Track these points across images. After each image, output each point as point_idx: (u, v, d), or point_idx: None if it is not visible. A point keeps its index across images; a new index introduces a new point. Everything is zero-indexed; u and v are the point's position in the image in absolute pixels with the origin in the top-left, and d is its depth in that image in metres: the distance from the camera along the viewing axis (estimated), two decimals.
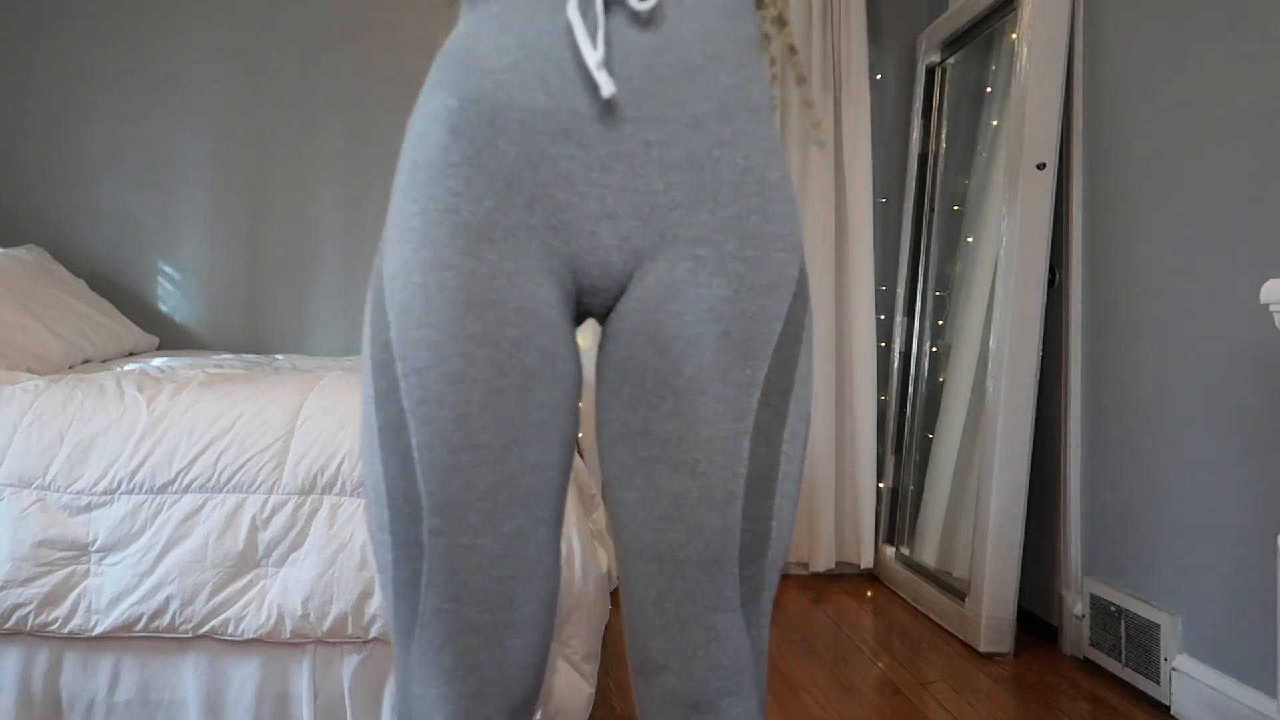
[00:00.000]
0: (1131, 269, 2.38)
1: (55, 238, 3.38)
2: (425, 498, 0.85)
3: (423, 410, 0.84)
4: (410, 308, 0.85)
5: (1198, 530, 2.14)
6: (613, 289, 0.89)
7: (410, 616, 0.87)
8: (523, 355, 0.86)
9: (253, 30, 3.45)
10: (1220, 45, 2.08)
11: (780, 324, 0.88)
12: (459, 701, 0.87)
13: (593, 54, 0.82)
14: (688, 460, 0.87)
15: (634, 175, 0.86)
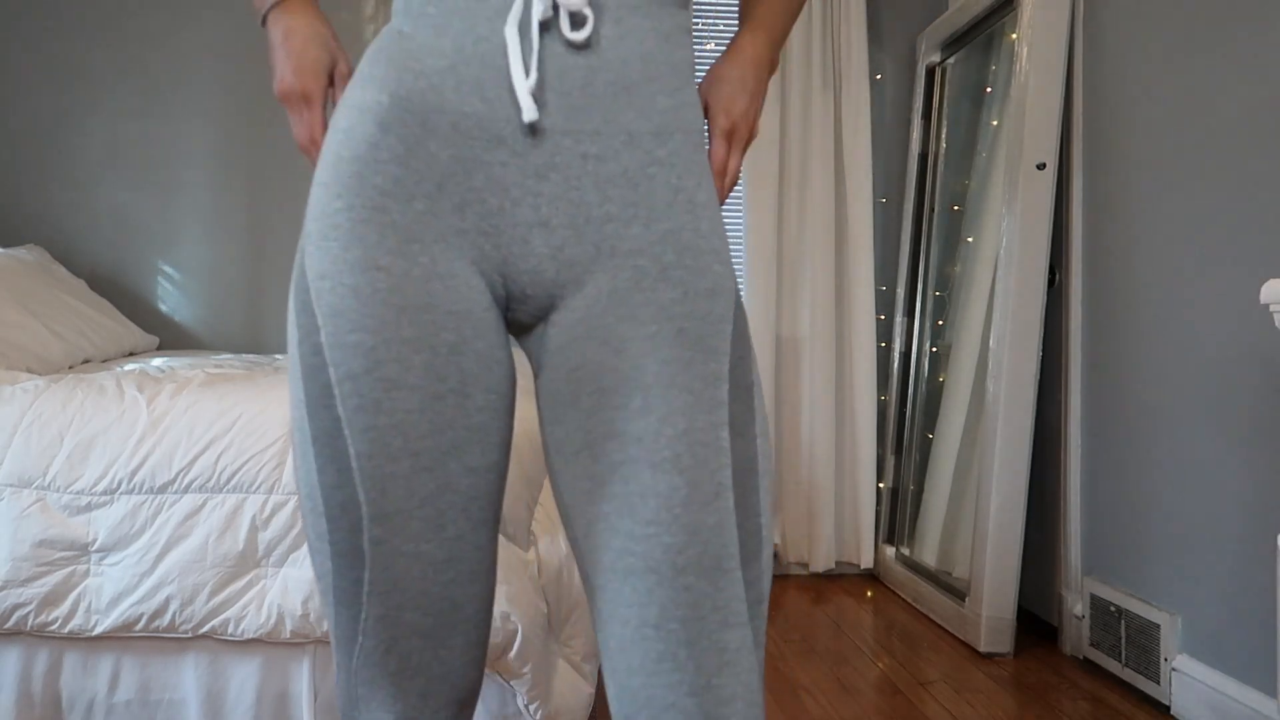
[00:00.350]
0: (1131, 269, 2.38)
1: (55, 238, 3.38)
2: (365, 506, 0.83)
3: (360, 418, 0.82)
4: (341, 310, 0.83)
5: (1198, 530, 2.14)
6: (541, 298, 0.88)
7: (353, 624, 0.87)
8: (460, 360, 0.84)
9: (253, 30, 3.45)
10: (1220, 45, 2.08)
11: (730, 325, 0.88)
12: (407, 699, 0.87)
13: (523, 80, 0.82)
14: (669, 455, 0.82)
15: (569, 186, 0.85)
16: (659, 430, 0.83)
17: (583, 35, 0.84)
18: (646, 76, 0.87)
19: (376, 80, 0.87)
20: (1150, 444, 2.30)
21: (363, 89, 0.88)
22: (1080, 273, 2.59)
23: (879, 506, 3.34)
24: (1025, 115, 2.57)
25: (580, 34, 0.84)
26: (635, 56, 0.87)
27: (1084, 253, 2.58)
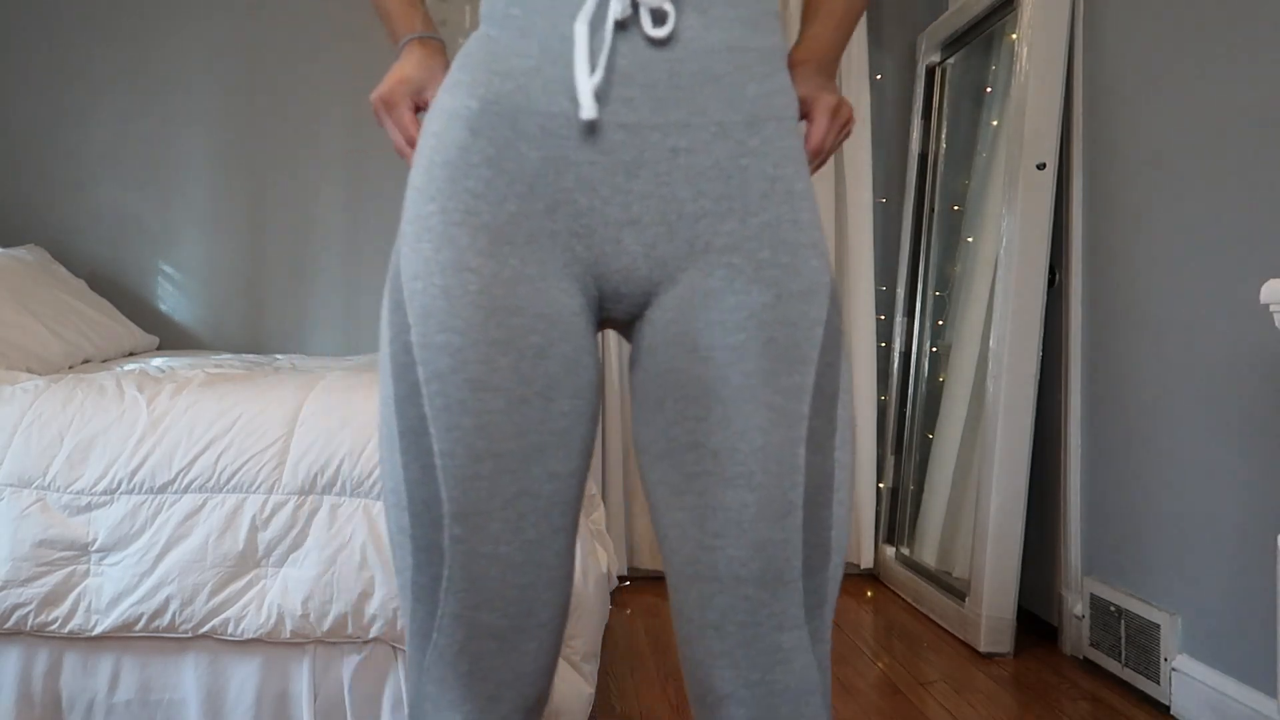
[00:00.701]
0: (1131, 269, 2.38)
1: (55, 238, 3.38)
2: (447, 504, 0.84)
3: (445, 417, 0.83)
4: (432, 311, 0.84)
5: (1198, 530, 2.14)
6: (636, 295, 0.88)
7: (429, 620, 0.87)
8: (546, 363, 0.84)
9: (253, 30, 3.45)
10: (1220, 45, 2.08)
11: (822, 329, 0.87)
12: (475, 702, 0.87)
13: (585, 76, 0.82)
14: (742, 472, 0.84)
15: (659, 182, 0.85)
16: (735, 445, 0.84)
17: (664, 31, 0.83)
18: (735, 65, 0.86)
19: (465, 85, 0.88)
20: (1150, 444, 2.30)
21: (452, 94, 0.89)
22: (1080, 273, 2.59)
23: (879, 506, 3.34)
24: (1025, 115, 2.57)
25: (662, 30, 0.83)
26: (721, 46, 0.85)
27: (1084, 253, 2.58)
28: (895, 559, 3.22)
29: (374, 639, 1.79)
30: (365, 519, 1.79)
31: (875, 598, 3.14)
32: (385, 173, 3.47)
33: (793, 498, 0.84)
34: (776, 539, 0.84)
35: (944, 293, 3.19)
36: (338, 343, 3.47)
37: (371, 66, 3.45)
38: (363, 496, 1.80)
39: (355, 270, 3.47)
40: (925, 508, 3.12)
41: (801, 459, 0.84)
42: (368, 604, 1.76)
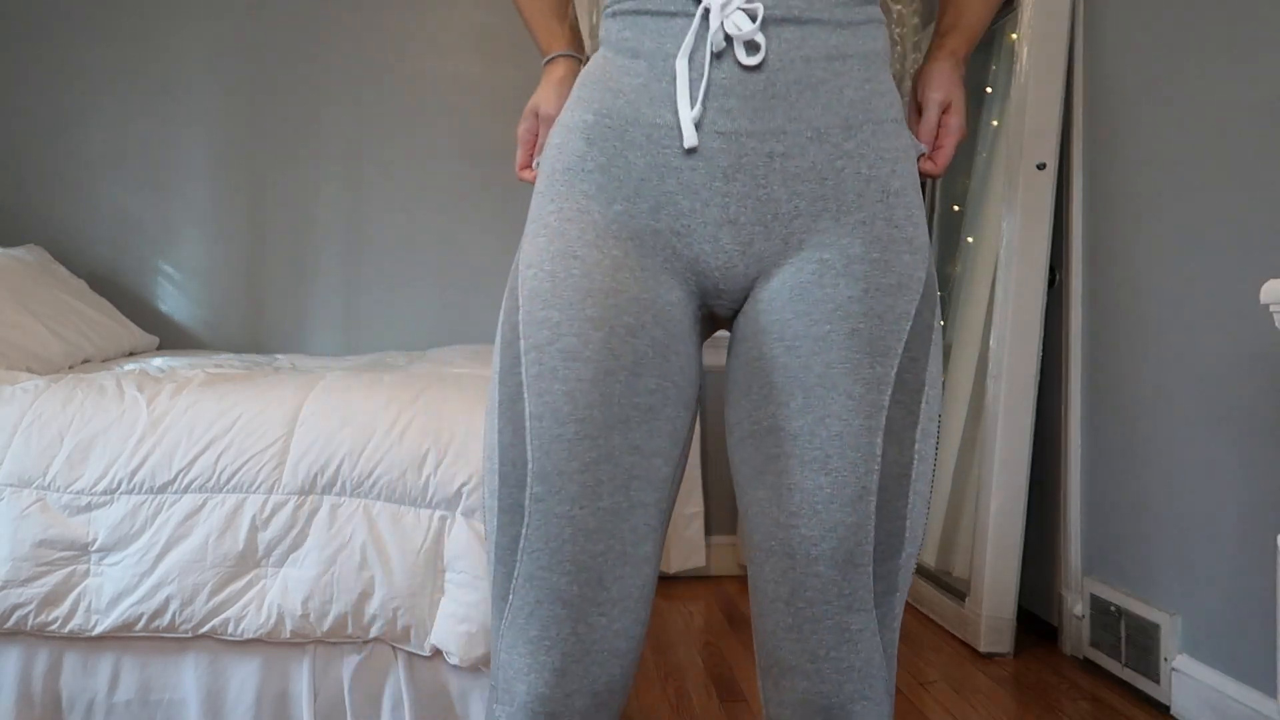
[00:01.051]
0: (1131, 269, 2.38)
1: (55, 238, 3.38)
2: (531, 464, 0.87)
3: (538, 383, 0.88)
4: (538, 292, 0.90)
5: (1198, 530, 2.14)
6: (736, 292, 0.94)
7: (506, 582, 0.88)
8: (635, 341, 0.89)
9: (253, 30, 3.45)
10: (1220, 45, 2.08)
11: (909, 323, 0.90)
12: (541, 674, 0.86)
13: (687, 110, 0.89)
14: (819, 456, 0.88)
15: (756, 185, 0.90)
16: (814, 430, 0.88)
17: (756, 60, 0.89)
18: (832, 72, 0.92)
19: (584, 101, 0.97)
20: (1150, 444, 2.30)
21: (572, 110, 0.98)
22: (1080, 273, 2.59)
23: None
24: (1025, 115, 2.57)
25: (754, 59, 0.89)
26: (819, 55, 0.91)
27: (1084, 253, 2.58)
28: None
29: (374, 639, 1.79)
30: (365, 519, 1.79)
31: None
32: (385, 173, 3.47)
33: (867, 484, 0.87)
34: (849, 522, 0.87)
35: (944, 293, 3.19)
36: (338, 343, 3.47)
37: (372, 67, 3.45)
38: (363, 496, 1.80)
39: (355, 270, 3.47)
40: None
41: (879, 447, 0.88)
42: (368, 604, 1.76)
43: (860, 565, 0.88)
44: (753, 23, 0.89)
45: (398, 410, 1.88)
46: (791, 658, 0.89)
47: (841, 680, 0.88)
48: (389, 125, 3.47)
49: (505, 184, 3.47)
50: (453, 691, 1.81)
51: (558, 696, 0.86)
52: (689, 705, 2.24)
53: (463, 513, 1.79)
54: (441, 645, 1.76)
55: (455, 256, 3.48)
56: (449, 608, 1.76)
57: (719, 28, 0.89)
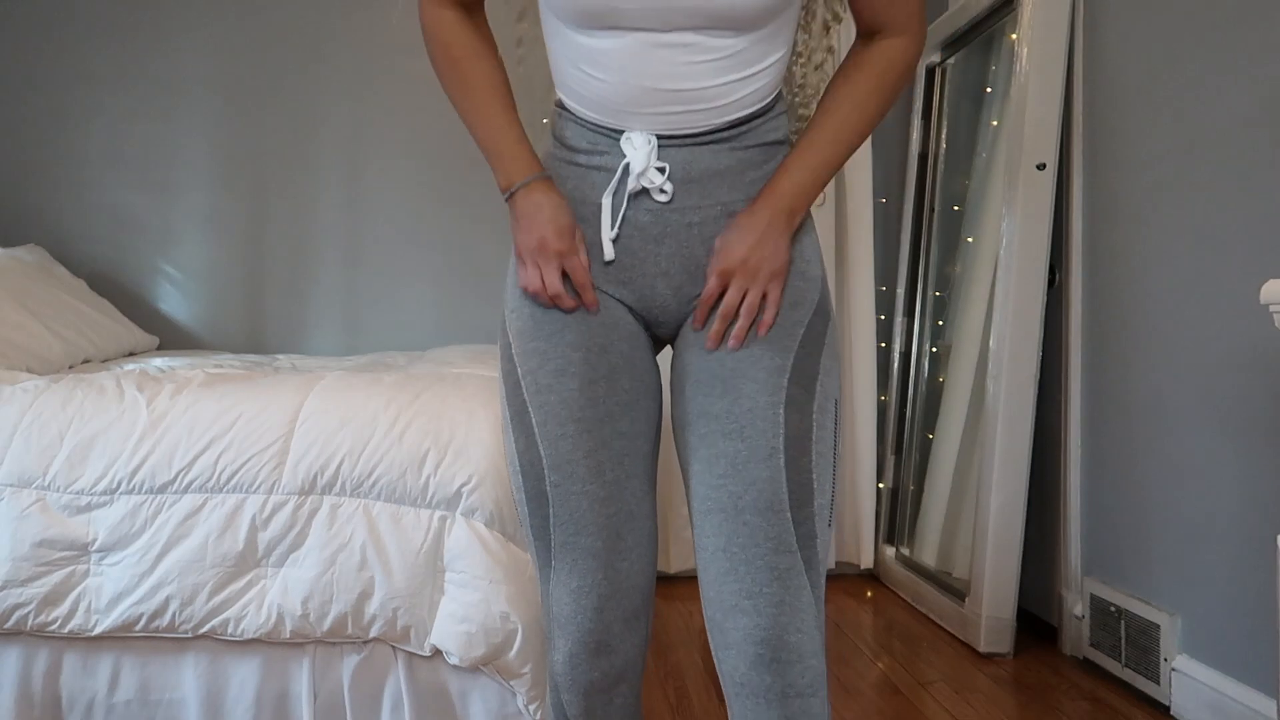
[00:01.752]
0: (1131, 269, 2.38)
1: (55, 238, 3.38)
2: (545, 460, 1.13)
3: (538, 398, 1.14)
4: (524, 330, 1.17)
5: (1198, 530, 2.14)
6: (671, 322, 1.19)
7: (546, 552, 1.14)
8: (608, 357, 1.15)
9: (253, 31, 3.45)
10: (1220, 45, 2.08)
11: (802, 329, 1.14)
12: (585, 612, 1.12)
13: (609, 232, 1.15)
14: (736, 427, 1.10)
15: (680, 246, 1.16)
16: (730, 409, 1.11)
17: (665, 199, 1.14)
18: (736, 161, 1.16)
19: None
20: (1150, 444, 2.30)
21: None
22: (1080, 273, 2.59)
23: (879, 506, 3.34)
24: (1025, 115, 2.57)
25: (664, 198, 1.14)
26: (723, 150, 1.15)
27: (1084, 253, 2.58)
28: (895, 559, 3.22)
29: (374, 639, 1.79)
30: (365, 519, 1.79)
31: (875, 598, 3.14)
32: (385, 173, 3.47)
33: (775, 444, 1.09)
34: (764, 476, 1.08)
35: (944, 293, 3.19)
36: (338, 343, 3.47)
37: (371, 67, 3.45)
38: (362, 496, 1.80)
39: (355, 270, 3.47)
40: (925, 508, 3.12)
41: (781, 416, 1.10)
42: (367, 604, 1.76)
43: (779, 511, 1.07)
44: (663, 176, 1.13)
45: (398, 410, 1.88)
46: (732, 598, 1.07)
47: (776, 614, 1.05)
48: (389, 126, 3.46)
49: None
50: (453, 691, 1.81)
51: (600, 626, 1.12)
52: (689, 705, 2.24)
53: (462, 513, 1.79)
54: (441, 645, 1.76)
55: (455, 256, 3.48)
56: (449, 608, 1.76)
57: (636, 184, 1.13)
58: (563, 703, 1.16)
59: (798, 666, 1.05)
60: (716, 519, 1.09)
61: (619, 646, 1.14)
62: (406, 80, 3.44)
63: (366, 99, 3.46)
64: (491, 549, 1.77)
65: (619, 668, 1.14)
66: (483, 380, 2.10)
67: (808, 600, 1.07)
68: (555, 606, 1.15)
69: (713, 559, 1.09)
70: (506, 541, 1.79)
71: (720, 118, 1.14)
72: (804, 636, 1.06)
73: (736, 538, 1.07)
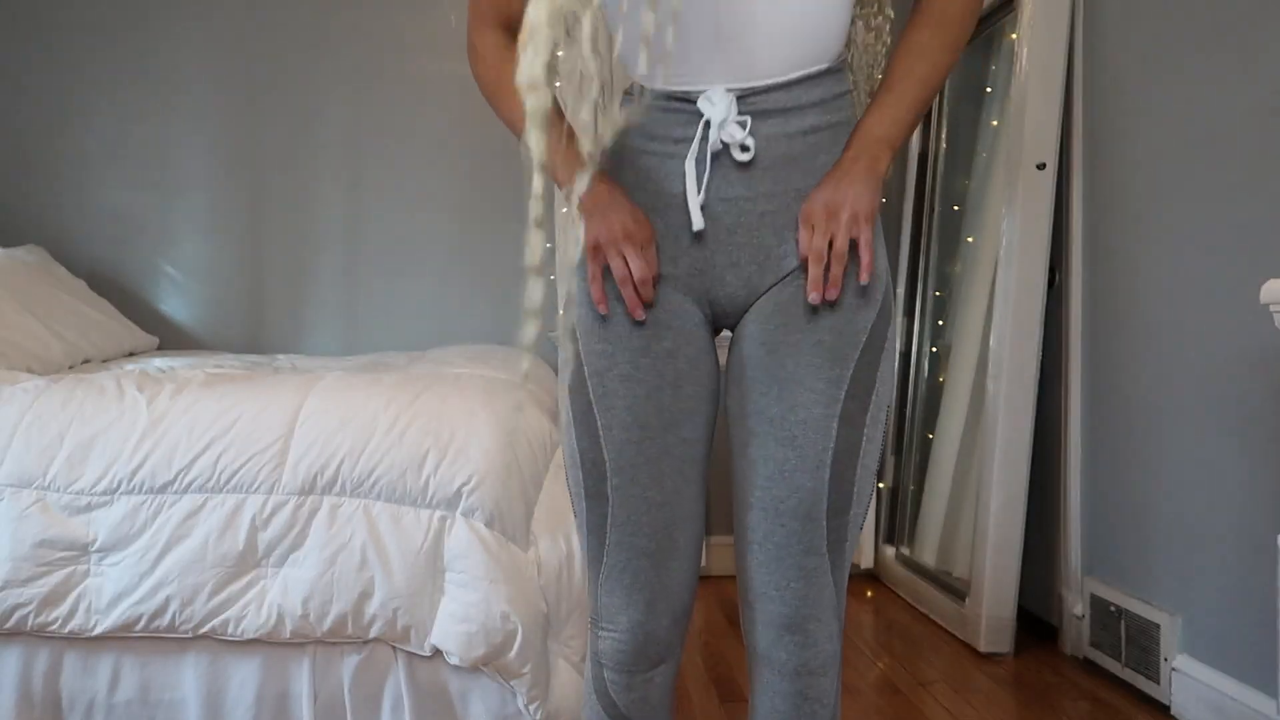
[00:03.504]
0: (1131, 269, 2.38)
1: (55, 238, 3.38)
2: (609, 463, 1.15)
3: (605, 401, 1.15)
4: (591, 329, 1.17)
5: (1198, 530, 2.14)
6: (737, 312, 1.20)
7: (600, 548, 1.18)
8: (674, 362, 1.16)
9: (253, 30, 3.45)
10: (1220, 45, 2.08)
11: (865, 335, 1.14)
12: (637, 607, 1.17)
13: (695, 199, 1.14)
14: (788, 435, 1.13)
15: (752, 236, 1.16)
16: (785, 415, 1.13)
17: (748, 157, 1.13)
18: (808, 145, 1.15)
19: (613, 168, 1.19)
20: (1150, 444, 2.30)
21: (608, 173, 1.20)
22: (1080, 273, 2.59)
23: (879, 506, 3.34)
24: (1025, 115, 2.57)
25: (746, 156, 1.13)
26: (797, 133, 1.15)
27: (1084, 253, 2.58)
28: (895, 559, 3.22)
29: (374, 639, 1.79)
30: (365, 519, 1.79)
31: (875, 598, 3.14)
32: (385, 173, 3.47)
33: (824, 458, 1.12)
34: (809, 486, 1.12)
35: (944, 293, 3.19)
36: (338, 343, 3.47)
37: (371, 67, 3.45)
38: (362, 497, 1.80)
39: (355, 270, 3.47)
40: (925, 508, 3.12)
41: (834, 430, 1.12)
42: (368, 604, 1.76)
43: (816, 520, 1.12)
44: (743, 131, 1.13)
45: (397, 410, 1.88)
46: (763, 587, 1.15)
47: (799, 605, 1.14)
48: (389, 125, 3.46)
49: (505, 184, 3.47)
50: (453, 691, 1.81)
51: (649, 620, 1.17)
52: (689, 705, 2.24)
53: (463, 513, 1.79)
54: (441, 645, 1.76)
55: (455, 256, 3.48)
56: (449, 608, 1.76)
57: (716, 138, 1.13)
58: (605, 679, 1.21)
59: (813, 649, 1.15)
60: (757, 515, 1.15)
61: (665, 638, 1.20)
62: (406, 80, 3.44)
63: (366, 99, 3.46)
64: (491, 549, 1.77)
65: (663, 654, 1.21)
66: (483, 380, 2.10)
67: (829, 595, 1.15)
68: (605, 597, 1.19)
69: (749, 549, 1.16)
70: (506, 542, 1.79)
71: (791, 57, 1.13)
72: (821, 625, 1.15)
73: (773, 536, 1.13)
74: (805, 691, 1.16)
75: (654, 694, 1.22)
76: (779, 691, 1.17)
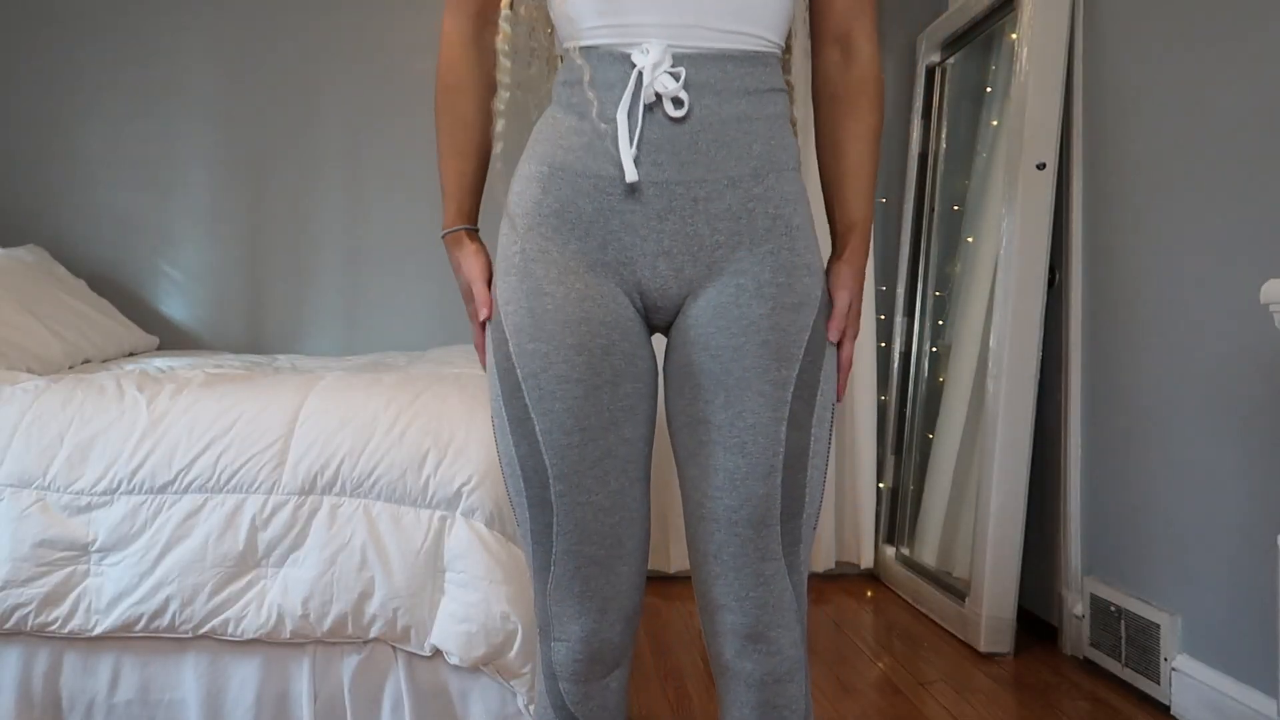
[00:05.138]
0: (1131, 269, 2.38)
1: (55, 238, 3.38)
2: (550, 468, 1.12)
3: (541, 405, 1.11)
4: (521, 327, 1.12)
5: (1198, 530, 2.14)
6: (670, 308, 1.16)
7: (546, 556, 1.15)
8: (611, 359, 1.12)
9: (253, 30, 3.45)
10: (1220, 45, 2.08)
11: (807, 334, 1.13)
12: (589, 615, 1.15)
13: (627, 148, 1.09)
14: (737, 442, 1.11)
15: (684, 223, 1.11)
16: (733, 422, 1.11)
17: (681, 113, 1.10)
18: (742, 131, 1.12)
19: (538, 155, 1.16)
20: (1150, 444, 2.30)
21: (528, 162, 1.18)
22: (1080, 273, 2.59)
23: (879, 506, 3.34)
24: (1025, 115, 2.57)
25: (679, 111, 1.10)
26: (731, 118, 1.12)
27: (1084, 253, 2.58)
28: (895, 559, 3.22)
29: (374, 639, 1.79)
30: (365, 519, 1.79)
31: (875, 598, 3.14)
32: (385, 173, 3.47)
33: (775, 463, 1.11)
34: (761, 493, 1.11)
35: (944, 293, 3.19)
36: (338, 343, 3.47)
37: (371, 67, 3.45)
38: (362, 497, 1.80)
39: (355, 270, 3.47)
40: (925, 508, 3.12)
41: (783, 434, 1.11)
42: (367, 604, 1.76)
43: (770, 525, 1.12)
44: (676, 82, 1.09)
45: (398, 410, 1.88)
46: (721, 598, 1.14)
47: (759, 613, 1.13)
48: (389, 125, 3.46)
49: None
50: (453, 691, 1.81)
51: (603, 627, 1.16)
52: (689, 705, 2.24)
53: (462, 513, 1.79)
54: (441, 645, 1.76)
55: None
56: (449, 608, 1.76)
57: (649, 84, 1.09)
58: (560, 691, 1.19)
59: (776, 657, 1.14)
60: (709, 526, 1.13)
61: (619, 643, 1.18)
62: (406, 80, 3.44)
63: (366, 99, 3.46)
64: (491, 549, 1.77)
65: (617, 659, 1.19)
66: (482, 380, 2.11)
67: (789, 599, 1.14)
68: (555, 607, 1.17)
69: (703, 561, 1.15)
70: (506, 541, 1.79)
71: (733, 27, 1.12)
72: (783, 630, 1.14)
73: (728, 546, 1.12)
74: (773, 700, 1.15)
75: (611, 700, 1.21)
76: (747, 702, 1.16)
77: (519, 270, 1.14)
